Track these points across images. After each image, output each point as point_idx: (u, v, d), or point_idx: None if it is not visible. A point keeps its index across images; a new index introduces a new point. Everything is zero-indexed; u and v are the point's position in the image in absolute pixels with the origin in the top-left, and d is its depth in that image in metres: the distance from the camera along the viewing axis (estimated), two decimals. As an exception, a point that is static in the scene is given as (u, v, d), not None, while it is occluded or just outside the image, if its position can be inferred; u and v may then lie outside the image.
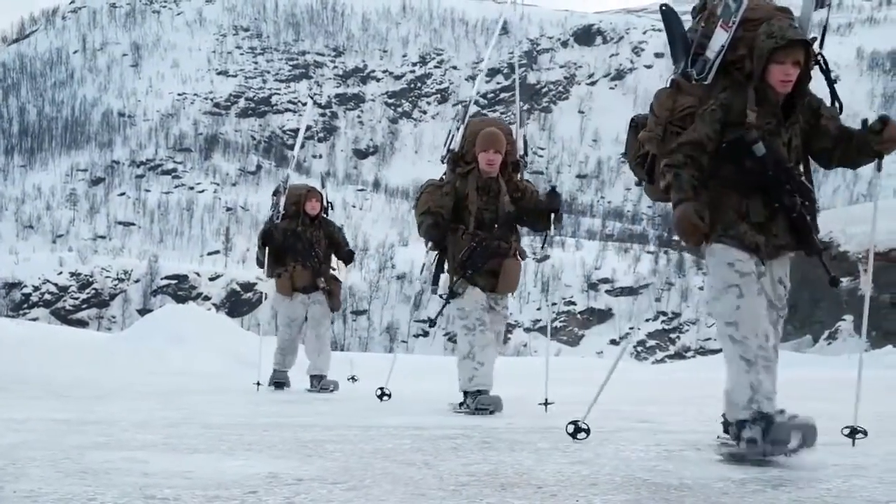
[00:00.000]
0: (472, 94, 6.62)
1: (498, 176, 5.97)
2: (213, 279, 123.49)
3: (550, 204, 5.94)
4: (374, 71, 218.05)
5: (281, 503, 2.60)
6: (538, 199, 6.03)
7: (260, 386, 8.29)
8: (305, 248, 8.44)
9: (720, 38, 3.69)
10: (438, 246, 6.00)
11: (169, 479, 2.95)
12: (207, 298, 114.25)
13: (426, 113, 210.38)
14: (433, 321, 6.45)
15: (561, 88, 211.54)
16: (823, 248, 3.74)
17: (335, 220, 8.79)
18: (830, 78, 3.73)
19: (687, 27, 3.93)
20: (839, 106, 3.75)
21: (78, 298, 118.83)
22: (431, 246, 6.02)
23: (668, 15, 4.00)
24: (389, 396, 6.55)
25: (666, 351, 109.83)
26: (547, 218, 5.95)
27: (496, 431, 4.63)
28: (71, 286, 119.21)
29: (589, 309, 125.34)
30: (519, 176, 6.13)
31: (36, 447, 3.74)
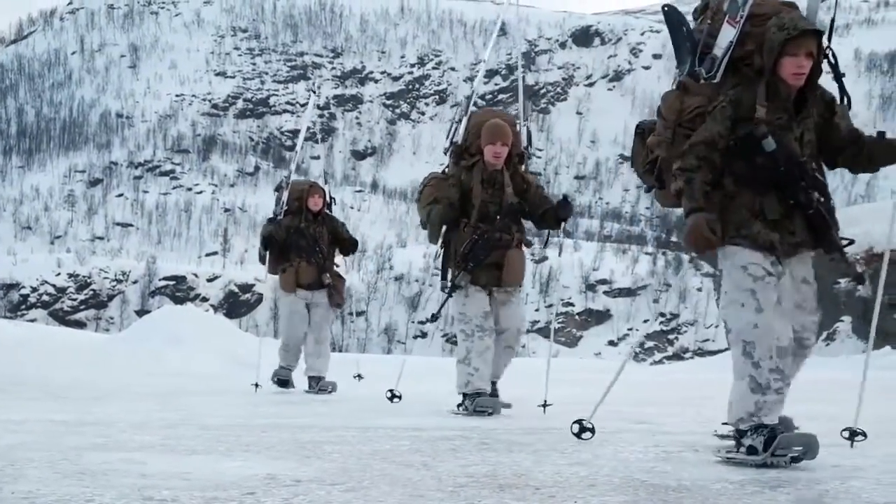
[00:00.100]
0: (475, 85, 6.40)
1: (503, 168, 5.86)
2: (211, 280, 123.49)
3: (560, 213, 5.83)
4: (372, 72, 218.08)
5: (279, 504, 2.59)
6: (543, 194, 5.95)
7: (258, 387, 8.26)
8: (309, 244, 8.40)
9: (728, 34, 3.60)
10: (450, 231, 5.83)
11: (167, 480, 2.95)
12: (205, 300, 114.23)
13: (424, 114, 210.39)
14: (435, 315, 6.38)
15: (559, 89, 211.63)
16: (847, 244, 3.63)
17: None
18: (839, 71, 3.65)
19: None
20: (847, 100, 3.66)
21: (76, 299, 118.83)
22: (444, 231, 5.82)
23: (671, 15, 3.90)
24: (400, 398, 6.49)
25: (664, 352, 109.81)
26: (555, 223, 5.87)
27: (494, 433, 4.63)
28: (69, 287, 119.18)
29: (587, 310, 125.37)
30: (524, 168, 6.03)
31: (34, 448, 3.73)
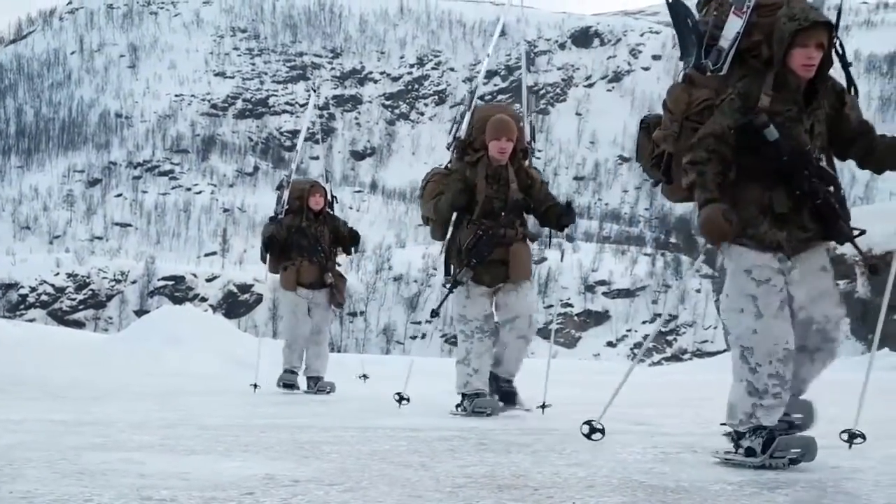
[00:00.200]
0: (479, 79, 6.32)
1: (507, 164, 5.79)
2: (210, 280, 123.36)
3: (563, 220, 5.79)
4: (371, 72, 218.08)
5: (278, 504, 2.60)
6: (548, 191, 5.92)
7: (257, 387, 8.26)
8: (310, 243, 8.38)
9: (734, 25, 3.55)
10: (455, 227, 5.76)
11: (166, 480, 2.95)
12: (204, 300, 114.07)
13: (423, 114, 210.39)
14: (435, 311, 6.32)
15: (558, 90, 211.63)
16: (858, 234, 3.57)
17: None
18: (847, 62, 3.59)
19: None
20: (855, 90, 3.62)
21: (75, 299, 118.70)
22: (455, 216, 5.73)
23: (675, 6, 3.82)
24: (408, 401, 6.45)
25: (663, 353, 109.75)
26: (557, 225, 5.83)
27: (493, 433, 4.63)
28: (68, 287, 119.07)
29: (586, 311, 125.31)
30: (527, 163, 5.97)
31: (32, 448, 3.73)
